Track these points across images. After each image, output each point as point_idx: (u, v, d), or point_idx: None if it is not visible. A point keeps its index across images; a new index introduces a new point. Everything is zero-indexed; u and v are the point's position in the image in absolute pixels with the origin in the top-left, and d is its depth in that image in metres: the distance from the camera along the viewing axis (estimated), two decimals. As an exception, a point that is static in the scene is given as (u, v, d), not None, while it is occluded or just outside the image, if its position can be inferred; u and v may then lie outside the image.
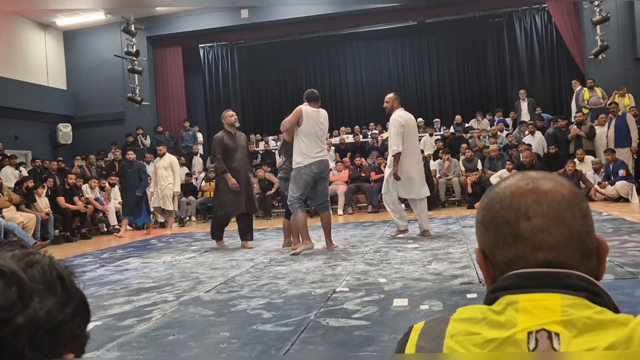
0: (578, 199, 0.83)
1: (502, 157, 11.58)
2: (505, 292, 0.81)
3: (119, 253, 7.66)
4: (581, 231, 0.81)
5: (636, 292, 3.51)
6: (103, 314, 3.99)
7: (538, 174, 0.86)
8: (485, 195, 0.89)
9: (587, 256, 0.82)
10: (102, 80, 14.93)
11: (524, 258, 0.81)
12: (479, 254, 0.88)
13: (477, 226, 0.88)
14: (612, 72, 12.80)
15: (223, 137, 7.05)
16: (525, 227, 0.81)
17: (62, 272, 0.74)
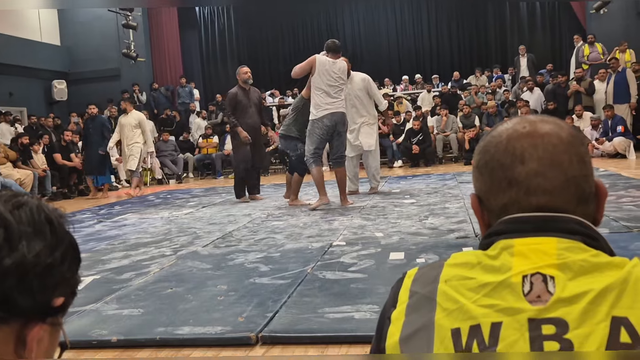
0: (576, 143, 0.82)
1: (500, 113, 11.52)
2: (500, 236, 0.80)
3: (117, 209, 7.68)
4: (577, 175, 0.80)
5: (630, 245, 3.55)
6: (101, 268, 4.02)
7: (537, 117, 0.85)
8: (482, 139, 0.88)
9: (583, 201, 0.81)
10: (96, 35, 14.68)
11: (518, 202, 0.80)
12: (473, 198, 0.87)
13: (473, 170, 0.87)
14: (613, 27, 12.60)
15: (237, 93, 7.06)
16: (520, 171, 0.79)
17: (50, 214, 0.72)
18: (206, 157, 12.43)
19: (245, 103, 7.05)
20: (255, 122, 7.15)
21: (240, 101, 7.02)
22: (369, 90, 6.93)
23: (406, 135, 11.26)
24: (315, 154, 5.96)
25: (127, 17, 14.01)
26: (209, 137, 12.61)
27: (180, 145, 12.51)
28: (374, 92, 7.02)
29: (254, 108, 7.14)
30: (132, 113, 9.51)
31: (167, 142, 12.22)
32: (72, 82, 14.55)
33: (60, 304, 0.71)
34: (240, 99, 7.03)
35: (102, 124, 9.82)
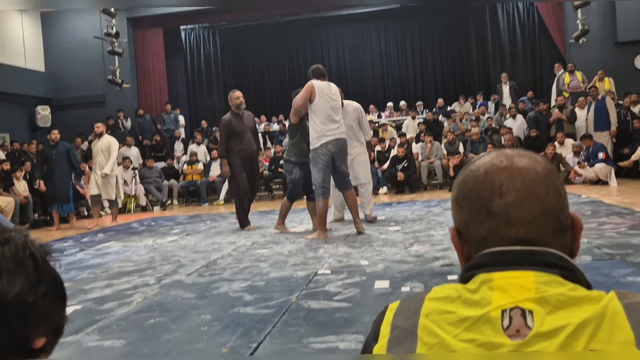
0: (552, 176, 0.84)
1: (484, 140, 11.64)
2: (480, 270, 0.81)
3: (100, 237, 7.61)
4: (554, 207, 0.82)
5: (613, 272, 3.57)
6: (83, 297, 3.96)
7: (513, 151, 0.87)
8: (460, 173, 0.89)
9: (560, 232, 0.82)
10: (81, 62, 14.70)
11: (497, 234, 0.81)
12: (453, 232, 0.88)
13: (452, 204, 0.89)
14: (592, 56, 12.89)
15: (231, 120, 6.85)
16: (499, 203, 0.81)
17: (35, 251, 0.72)
18: (191, 183, 12.39)
19: (240, 129, 6.86)
20: (252, 148, 6.99)
21: (234, 128, 6.83)
22: (360, 119, 6.88)
23: (391, 162, 11.32)
24: (324, 185, 5.73)
25: (113, 44, 14.06)
26: (193, 164, 12.58)
27: (164, 171, 12.47)
28: (363, 122, 6.95)
29: (249, 133, 6.98)
30: (105, 137, 9.06)
31: (152, 168, 12.18)
32: (56, 108, 14.52)
33: (41, 346, 0.70)
34: (235, 126, 6.84)
35: (68, 150, 9.25)
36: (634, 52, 12.84)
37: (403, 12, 16.57)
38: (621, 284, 3.30)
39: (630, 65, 12.86)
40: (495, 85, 14.47)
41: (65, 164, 9.12)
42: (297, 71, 17.92)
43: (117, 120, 14.19)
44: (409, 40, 17.41)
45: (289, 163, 6.31)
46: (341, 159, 5.85)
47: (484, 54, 16.56)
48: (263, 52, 17.70)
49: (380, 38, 17.58)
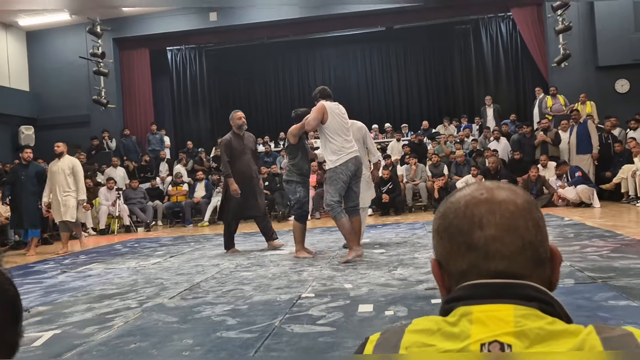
0: (532, 208, 0.84)
1: (468, 162, 11.73)
2: (460, 302, 0.81)
3: (82, 259, 7.52)
4: (534, 241, 0.82)
5: (594, 296, 3.58)
6: (63, 322, 3.90)
7: (493, 183, 0.87)
8: (441, 205, 0.90)
9: (539, 265, 0.83)
10: (66, 81, 14.65)
11: (477, 268, 0.81)
12: (434, 263, 0.88)
13: (433, 235, 0.89)
14: (574, 80, 13.10)
15: (231, 140, 6.84)
16: (479, 236, 0.81)
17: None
18: (175, 204, 12.31)
19: (240, 149, 6.83)
20: (250, 169, 6.91)
21: (235, 148, 6.81)
22: (365, 139, 6.59)
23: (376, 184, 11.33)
24: (339, 202, 5.63)
25: (99, 64, 14.05)
26: (178, 185, 12.51)
27: (149, 192, 12.39)
28: (368, 142, 6.63)
29: (249, 154, 6.93)
30: (66, 158, 8.59)
31: (137, 189, 12.10)
32: (40, 127, 14.43)
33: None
34: (235, 146, 6.82)
35: (38, 171, 8.92)
36: (615, 76, 13.08)
37: (388, 35, 16.74)
38: (603, 308, 3.31)
39: (611, 89, 13.08)
40: (480, 108, 14.63)
41: (34, 186, 8.81)
42: (282, 93, 18.00)
43: (102, 141, 14.13)
44: (394, 63, 17.58)
45: (292, 183, 6.16)
46: (357, 179, 5.76)
47: (468, 77, 16.76)
48: (249, 73, 17.78)
49: (365, 60, 17.74)
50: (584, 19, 13.20)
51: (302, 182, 6.19)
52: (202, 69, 17.22)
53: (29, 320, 4.00)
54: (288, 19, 14.45)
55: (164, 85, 16.79)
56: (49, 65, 14.79)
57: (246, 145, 6.96)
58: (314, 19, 14.60)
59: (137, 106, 15.39)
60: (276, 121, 17.46)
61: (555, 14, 12.89)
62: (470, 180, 10.87)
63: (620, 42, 12.72)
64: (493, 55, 15.92)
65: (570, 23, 12.68)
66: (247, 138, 7.06)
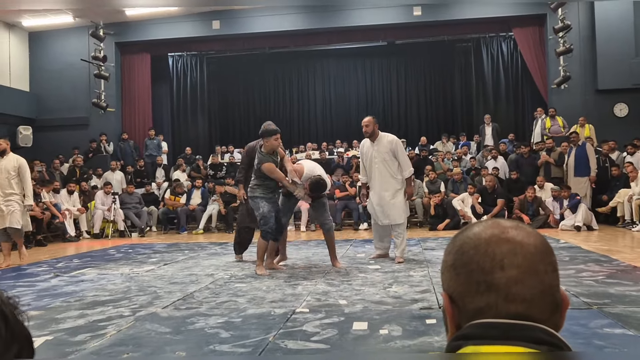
0: (550, 252, 0.84)
1: (465, 180, 11.74)
2: (469, 342, 0.80)
3: (75, 262, 7.47)
4: (552, 285, 0.82)
5: (590, 323, 3.57)
6: (55, 328, 3.87)
7: (511, 222, 0.87)
8: (456, 239, 0.88)
9: (555, 311, 0.83)
10: (66, 83, 14.66)
11: (495, 308, 0.80)
12: (446, 298, 0.87)
13: (447, 269, 0.87)
14: (573, 102, 13.17)
15: (255, 148, 6.34)
16: (500, 277, 0.80)
17: (6, 311, 0.70)
18: (171, 211, 12.26)
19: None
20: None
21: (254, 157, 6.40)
22: (396, 153, 6.51)
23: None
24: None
25: (100, 67, 14.06)
26: (177, 195, 12.33)
27: (144, 197, 12.35)
28: (400, 156, 6.53)
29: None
30: (10, 156, 7.57)
31: (132, 194, 12.06)
32: (39, 128, 14.41)
33: None
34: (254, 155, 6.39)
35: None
36: (614, 100, 13.15)
37: (389, 50, 16.82)
38: (599, 335, 3.30)
39: (610, 113, 13.15)
40: (478, 126, 14.67)
41: None
42: (282, 103, 18.03)
43: (100, 144, 14.11)
44: (394, 78, 17.65)
45: (255, 198, 5.98)
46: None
47: (467, 94, 16.83)
48: (249, 82, 17.82)
49: (365, 74, 17.81)
50: (585, 42, 13.29)
51: (266, 198, 5.94)
52: (203, 76, 17.24)
53: (21, 325, 3.96)
54: (290, 30, 14.51)
55: (163, 91, 16.80)
56: (50, 66, 14.79)
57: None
58: (316, 31, 14.66)
59: (136, 111, 15.39)
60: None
61: (556, 35, 12.97)
62: (467, 197, 10.88)
63: (620, 67, 12.80)
64: (493, 74, 16.00)
65: (572, 45, 12.76)
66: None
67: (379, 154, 6.47)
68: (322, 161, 13.55)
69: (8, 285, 5.70)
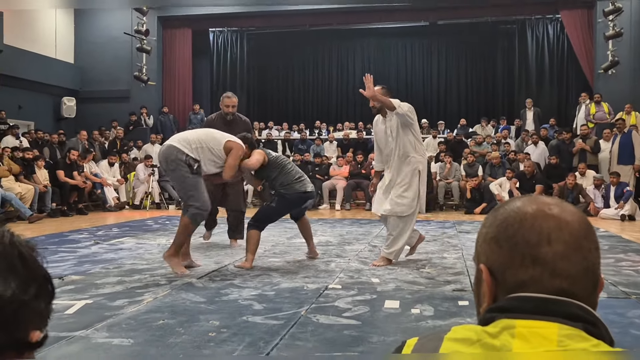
0: (592, 230, 0.84)
1: (504, 164, 11.56)
2: (503, 314, 0.80)
3: (115, 231, 7.66)
4: (595, 263, 0.82)
5: (628, 312, 3.51)
6: (94, 292, 3.99)
7: (553, 199, 0.86)
8: (498, 212, 0.86)
9: (595, 288, 0.82)
10: (109, 56, 14.89)
11: (540, 282, 0.79)
12: (486, 270, 0.85)
13: (488, 241, 0.85)
14: (620, 88, 12.76)
15: (214, 121, 6.12)
16: (547, 251, 0.80)
17: (23, 250, 0.73)
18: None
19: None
20: None
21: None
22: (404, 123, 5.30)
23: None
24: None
25: (142, 41, 14.23)
26: None
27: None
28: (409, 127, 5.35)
29: None
30: None
31: (171, 167, 12.23)
32: (82, 100, 14.70)
33: (36, 339, 0.72)
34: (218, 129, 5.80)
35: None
36: (663, 87, 12.71)
37: (431, 30, 16.56)
38: (636, 325, 3.25)
39: (658, 101, 12.72)
40: (519, 111, 14.38)
41: None
42: (321, 81, 17.97)
43: (140, 117, 14.33)
44: (435, 59, 17.40)
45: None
46: None
47: (509, 77, 16.48)
48: (289, 59, 17.79)
49: (406, 54, 17.59)
50: (636, 26, 12.83)
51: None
52: (243, 52, 17.29)
53: (63, 288, 4.09)
54: (331, 8, 14.41)
55: (204, 66, 16.92)
56: (94, 39, 15.03)
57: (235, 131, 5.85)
58: (357, 9, 14.53)
59: (176, 85, 15.57)
60: (313, 109, 17.48)
61: (606, 19, 12.57)
62: (505, 182, 10.72)
63: (671, 53, 12.35)
64: (537, 57, 15.61)
65: (622, 29, 12.35)
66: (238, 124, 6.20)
67: (391, 130, 5.27)
68: (359, 141, 13.54)
69: (51, 250, 5.88)
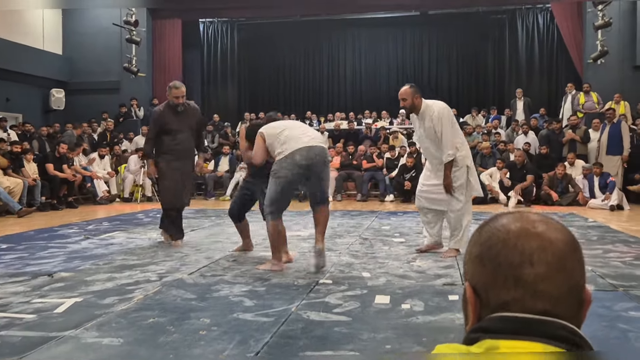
0: (577, 248, 0.83)
1: (494, 154, 11.60)
2: (487, 335, 0.80)
3: (105, 225, 7.63)
4: (579, 283, 0.82)
5: (615, 305, 3.54)
6: (84, 290, 3.98)
7: (539, 216, 0.85)
8: (483, 230, 0.87)
9: (580, 308, 0.82)
10: (99, 47, 14.76)
11: (522, 304, 0.80)
12: (470, 289, 0.86)
13: (473, 260, 0.86)
14: (609, 78, 12.82)
15: (163, 113, 5.72)
16: (529, 273, 0.80)
17: None
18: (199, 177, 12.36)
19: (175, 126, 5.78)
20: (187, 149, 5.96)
21: (167, 123, 5.75)
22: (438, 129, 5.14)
23: (399, 171, 11.30)
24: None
25: (131, 32, 14.11)
26: (205, 162, 12.42)
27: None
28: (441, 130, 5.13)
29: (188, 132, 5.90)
30: None
31: (161, 159, 12.18)
32: (71, 92, 14.58)
33: None
34: (168, 121, 5.76)
35: None
36: (652, 77, 12.78)
37: (422, 20, 16.54)
38: (623, 319, 3.28)
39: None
40: (509, 100, 14.42)
41: None
42: (312, 71, 17.91)
43: (130, 109, 14.25)
44: (426, 49, 17.38)
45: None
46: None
47: (500, 67, 16.50)
48: (280, 50, 17.72)
49: (397, 44, 17.56)
50: (625, 15, 12.87)
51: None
52: (233, 43, 17.21)
53: (52, 286, 4.08)
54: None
55: (194, 57, 16.83)
56: (83, 30, 14.89)
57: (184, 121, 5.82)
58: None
59: (166, 76, 15.42)
60: (304, 99, 17.44)
61: (595, 8, 12.60)
62: (495, 172, 10.76)
63: (660, 42, 12.40)
64: (527, 47, 15.64)
65: (611, 19, 12.38)
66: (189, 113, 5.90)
67: (425, 130, 5.21)
68: (350, 131, 13.53)
69: (40, 245, 5.86)
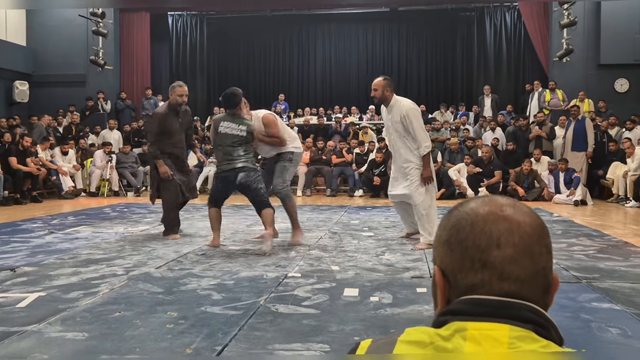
0: (545, 234, 0.84)
1: (462, 150, 11.73)
2: (456, 317, 0.80)
3: (70, 220, 7.49)
4: (545, 267, 0.82)
5: (579, 297, 3.61)
6: (48, 284, 3.90)
7: (508, 200, 0.86)
8: (452, 215, 0.87)
9: (546, 292, 0.83)
10: (64, 39, 14.44)
11: (489, 285, 0.80)
12: (439, 272, 0.86)
13: (441, 244, 0.86)
14: (574, 76, 13.08)
15: (165, 115, 5.97)
16: (496, 255, 0.80)
17: None
18: (167, 171, 12.24)
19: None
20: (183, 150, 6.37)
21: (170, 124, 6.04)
22: (407, 124, 5.42)
23: (368, 166, 11.35)
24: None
25: (98, 24, 13.84)
26: None
27: (140, 157, 12.32)
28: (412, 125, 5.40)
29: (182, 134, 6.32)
30: None
31: (128, 154, 12.02)
32: (35, 84, 14.24)
33: None
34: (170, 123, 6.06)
35: None
36: (615, 75, 13.07)
37: (391, 16, 16.60)
38: (586, 309, 3.35)
39: (610, 88, 13.08)
40: (477, 97, 14.60)
41: None
42: (281, 66, 17.85)
43: (97, 102, 14.00)
44: (395, 45, 17.47)
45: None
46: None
47: (468, 64, 16.68)
48: (250, 44, 17.61)
49: (367, 40, 17.61)
50: (590, 15, 13.14)
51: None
52: (203, 37, 17.03)
53: (14, 280, 3.99)
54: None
55: (162, 50, 16.60)
56: (47, 21, 14.55)
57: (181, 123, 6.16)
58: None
59: (134, 69, 15.23)
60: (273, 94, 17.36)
61: (561, 7, 12.80)
62: (463, 168, 10.89)
63: (623, 42, 12.68)
64: (495, 45, 15.84)
65: (576, 18, 12.60)
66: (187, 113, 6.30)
67: (393, 124, 5.51)
68: (319, 127, 13.53)
69: (2, 240, 5.72)
